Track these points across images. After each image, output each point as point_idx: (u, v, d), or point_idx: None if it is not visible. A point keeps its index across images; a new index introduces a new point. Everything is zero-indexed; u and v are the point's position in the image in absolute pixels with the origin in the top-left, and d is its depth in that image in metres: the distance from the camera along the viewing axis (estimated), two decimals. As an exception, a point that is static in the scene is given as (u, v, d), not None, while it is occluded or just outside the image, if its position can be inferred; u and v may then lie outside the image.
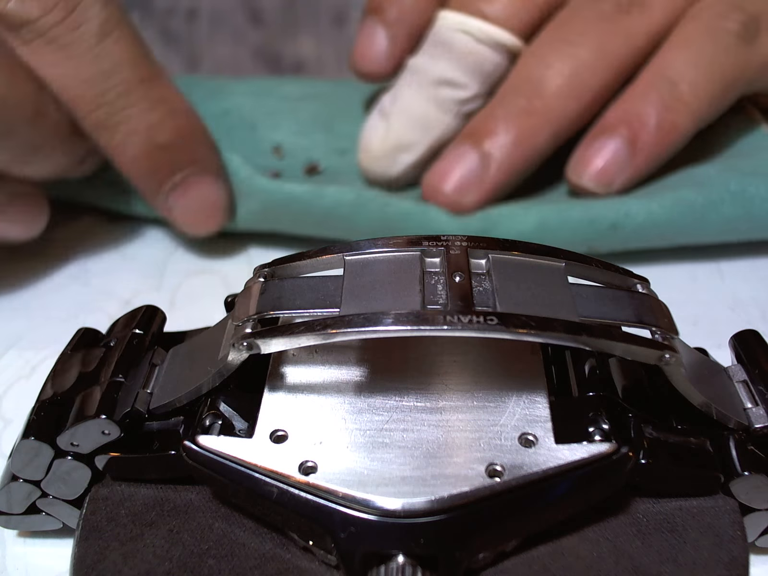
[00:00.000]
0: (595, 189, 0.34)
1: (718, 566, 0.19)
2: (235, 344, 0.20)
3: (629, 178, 0.34)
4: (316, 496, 0.19)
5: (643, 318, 0.20)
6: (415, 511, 0.18)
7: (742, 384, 0.22)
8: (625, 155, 0.33)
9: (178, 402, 0.21)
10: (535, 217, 0.33)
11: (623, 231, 0.33)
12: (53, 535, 0.23)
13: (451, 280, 0.20)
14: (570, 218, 0.33)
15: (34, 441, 0.20)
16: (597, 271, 0.22)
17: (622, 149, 0.33)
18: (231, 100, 0.42)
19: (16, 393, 0.29)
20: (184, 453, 0.20)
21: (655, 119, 0.33)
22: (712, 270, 0.35)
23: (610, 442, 0.19)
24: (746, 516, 0.21)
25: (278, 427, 0.20)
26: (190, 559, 0.20)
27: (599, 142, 0.33)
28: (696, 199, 0.33)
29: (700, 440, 0.21)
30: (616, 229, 0.33)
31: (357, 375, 0.22)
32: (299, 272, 0.22)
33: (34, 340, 0.31)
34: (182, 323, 0.27)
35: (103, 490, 0.21)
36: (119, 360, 0.22)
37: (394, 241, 0.22)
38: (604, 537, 0.20)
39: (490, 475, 0.19)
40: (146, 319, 0.24)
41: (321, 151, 0.40)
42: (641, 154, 0.33)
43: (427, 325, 0.19)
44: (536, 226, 0.33)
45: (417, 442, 0.20)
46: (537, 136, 0.33)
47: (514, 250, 0.21)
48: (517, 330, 0.18)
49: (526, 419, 0.20)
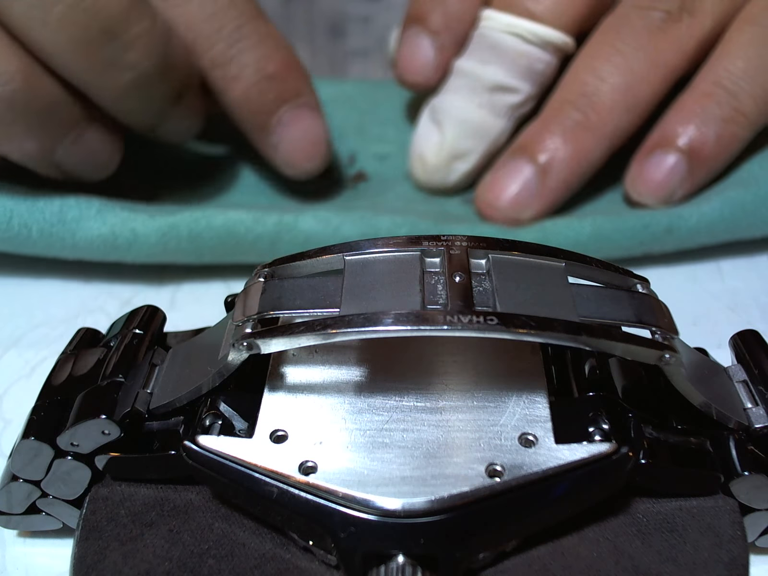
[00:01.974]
0: (654, 203, 0.34)
1: (718, 566, 0.19)
2: (235, 344, 0.20)
3: (689, 191, 0.34)
4: (316, 496, 0.19)
5: (643, 318, 0.20)
6: (415, 511, 0.18)
7: (742, 384, 0.22)
8: (685, 169, 0.33)
9: (178, 402, 0.21)
10: (590, 226, 0.33)
11: (678, 233, 0.33)
12: (53, 535, 0.23)
13: (451, 280, 0.20)
14: (624, 225, 0.33)
15: (34, 441, 0.20)
16: (597, 271, 0.22)
17: (681, 163, 0.33)
18: None
19: (16, 393, 0.29)
20: (184, 453, 0.20)
21: (715, 132, 0.32)
22: (712, 270, 0.35)
23: (610, 442, 0.19)
24: (746, 516, 0.21)
25: (278, 427, 0.20)
26: (190, 559, 0.20)
27: (658, 157, 0.33)
28: (745, 197, 0.33)
29: (700, 440, 0.21)
30: (671, 232, 0.33)
31: (357, 375, 0.22)
32: (299, 272, 0.22)
33: (34, 340, 0.31)
34: (182, 323, 0.27)
35: (103, 490, 0.21)
36: (119, 360, 0.22)
37: (394, 240, 0.22)
38: (604, 537, 0.20)
39: (490, 475, 0.19)
40: (146, 319, 0.24)
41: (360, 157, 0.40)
42: (701, 167, 0.33)
43: (427, 325, 0.19)
44: (591, 234, 0.33)
45: (417, 442, 0.20)
46: (593, 151, 0.34)
47: (514, 250, 0.21)
48: (517, 330, 0.18)
49: (526, 419, 0.20)
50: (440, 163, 0.36)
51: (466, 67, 0.36)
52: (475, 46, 0.36)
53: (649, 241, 0.33)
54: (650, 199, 0.34)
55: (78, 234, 0.31)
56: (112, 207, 0.32)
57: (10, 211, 0.31)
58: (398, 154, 0.40)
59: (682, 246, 0.34)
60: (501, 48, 0.35)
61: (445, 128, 0.36)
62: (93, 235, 0.31)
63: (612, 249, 0.33)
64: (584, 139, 0.33)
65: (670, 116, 0.34)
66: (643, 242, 0.33)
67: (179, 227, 0.32)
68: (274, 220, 0.32)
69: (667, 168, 0.33)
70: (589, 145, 0.33)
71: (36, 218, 0.31)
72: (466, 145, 0.36)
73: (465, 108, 0.36)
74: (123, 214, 0.31)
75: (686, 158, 0.33)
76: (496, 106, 0.35)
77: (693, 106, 0.33)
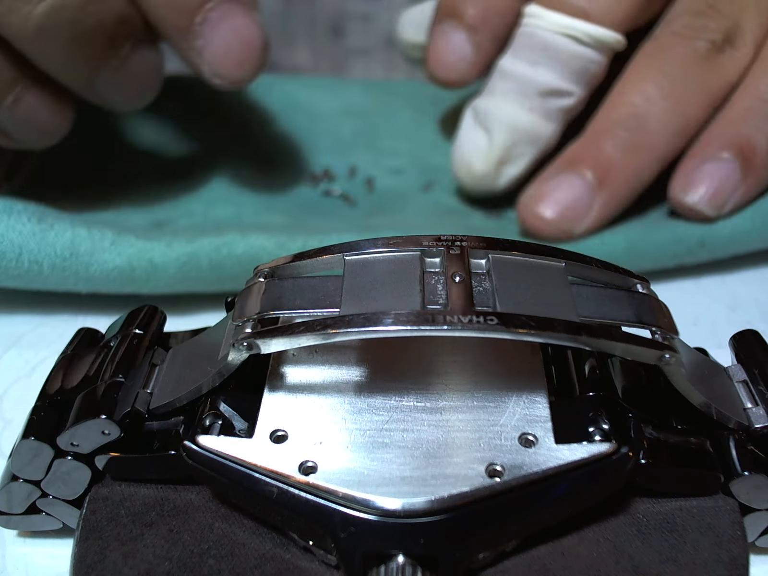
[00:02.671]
0: (706, 211, 0.33)
1: (718, 566, 0.19)
2: (235, 344, 0.20)
3: (741, 199, 0.34)
4: (316, 496, 0.19)
5: (643, 318, 0.20)
6: (415, 511, 0.18)
7: (742, 384, 0.22)
8: (738, 177, 0.33)
9: (178, 402, 0.21)
10: (624, 241, 0.33)
11: (711, 246, 0.33)
12: (53, 535, 0.23)
13: (451, 280, 0.20)
14: (658, 239, 0.33)
15: (34, 441, 0.20)
16: (597, 271, 0.22)
17: (734, 172, 0.33)
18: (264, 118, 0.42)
19: (16, 393, 0.29)
20: (184, 453, 0.20)
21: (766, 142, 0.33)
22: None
23: (610, 442, 0.19)
24: (746, 516, 0.21)
25: (278, 427, 0.20)
26: (190, 559, 0.20)
27: (710, 165, 0.33)
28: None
29: (700, 440, 0.21)
30: (703, 245, 0.33)
31: (357, 375, 0.22)
32: (299, 272, 0.22)
33: (34, 340, 0.31)
34: (182, 323, 0.27)
35: (103, 490, 0.21)
36: (119, 360, 0.22)
37: (394, 241, 0.21)
38: (604, 537, 0.20)
39: (490, 475, 0.19)
40: (146, 319, 0.24)
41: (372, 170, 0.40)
42: (753, 176, 0.33)
43: (427, 325, 0.19)
44: (625, 249, 0.33)
45: (417, 442, 0.20)
46: (644, 171, 0.34)
47: (514, 250, 0.21)
48: (517, 330, 0.18)
49: (526, 419, 0.20)
50: (489, 170, 0.35)
51: (513, 69, 0.34)
52: (521, 46, 0.34)
53: (683, 254, 0.33)
54: (703, 205, 0.33)
55: (92, 267, 0.30)
56: (126, 237, 0.30)
57: (20, 247, 0.29)
58: (412, 167, 0.40)
59: (714, 257, 0.34)
60: (553, 49, 0.33)
61: (493, 134, 0.35)
62: (108, 268, 0.30)
63: (645, 262, 0.33)
64: (638, 157, 0.33)
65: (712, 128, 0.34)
66: (676, 255, 0.33)
67: (199, 256, 0.30)
68: (299, 245, 0.31)
69: (721, 175, 0.33)
70: (643, 163, 0.33)
71: (47, 253, 0.29)
72: (516, 150, 0.35)
73: (515, 113, 0.34)
74: (139, 244, 0.30)
75: (739, 166, 0.33)
76: (548, 110, 0.34)
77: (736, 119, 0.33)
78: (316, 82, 0.47)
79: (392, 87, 0.47)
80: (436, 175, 0.40)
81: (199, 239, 0.31)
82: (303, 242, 0.32)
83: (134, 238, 0.31)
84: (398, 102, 0.44)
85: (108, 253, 0.30)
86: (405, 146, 0.41)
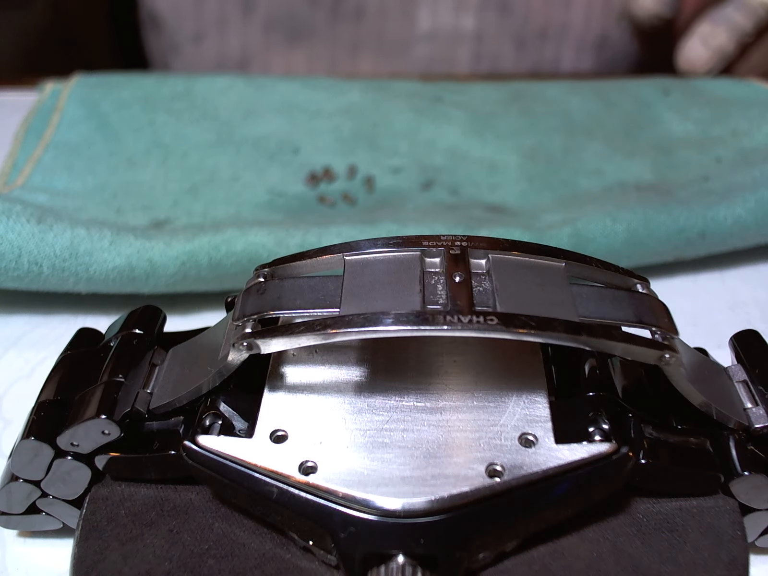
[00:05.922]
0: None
1: (718, 566, 0.19)
2: (235, 344, 0.20)
3: None
4: (316, 496, 0.19)
5: (643, 318, 0.20)
6: (415, 511, 0.18)
7: (742, 384, 0.22)
8: None
9: (178, 402, 0.21)
10: (624, 231, 0.33)
11: (711, 238, 0.34)
12: (53, 535, 0.23)
13: (451, 280, 0.20)
14: (658, 229, 0.33)
15: (34, 441, 0.20)
16: (597, 271, 0.22)
17: None
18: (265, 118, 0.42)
19: (16, 393, 0.29)
20: (184, 453, 0.20)
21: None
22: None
23: (610, 442, 0.19)
24: (746, 516, 0.21)
25: (278, 427, 0.20)
26: (190, 559, 0.20)
27: None
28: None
29: (700, 440, 0.21)
30: (704, 237, 0.33)
31: (357, 375, 0.22)
32: (299, 272, 0.22)
33: (34, 340, 0.31)
34: (182, 323, 0.27)
35: (103, 490, 0.21)
36: (119, 360, 0.22)
37: (395, 241, 0.22)
38: (604, 537, 0.20)
39: (490, 475, 0.19)
40: (146, 319, 0.24)
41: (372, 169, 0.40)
42: None
43: (427, 325, 0.19)
44: (625, 241, 0.33)
45: (417, 442, 0.20)
46: None
47: (514, 250, 0.21)
48: (517, 330, 0.18)
49: (526, 419, 0.20)
50: None
51: None
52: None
53: (683, 246, 0.34)
54: None
55: (92, 267, 0.30)
56: (125, 237, 0.31)
57: (19, 248, 0.29)
58: (412, 166, 0.40)
59: (714, 250, 0.34)
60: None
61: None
62: (108, 268, 0.30)
63: (645, 255, 0.34)
64: None
65: None
66: (676, 247, 0.34)
67: (198, 255, 0.31)
68: (297, 241, 0.31)
69: None
70: None
71: (46, 253, 0.30)
72: None
73: None
74: (138, 243, 0.30)
75: None
76: None
77: None
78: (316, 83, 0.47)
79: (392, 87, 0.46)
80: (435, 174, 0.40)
81: (198, 238, 0.31)
82: (301, 238, 0.32)
83: (133, 237, 0.31)
84: (398, 102, 0.44)
85: (107, 253, 0.30)
86: (405, 146, 0.41)
